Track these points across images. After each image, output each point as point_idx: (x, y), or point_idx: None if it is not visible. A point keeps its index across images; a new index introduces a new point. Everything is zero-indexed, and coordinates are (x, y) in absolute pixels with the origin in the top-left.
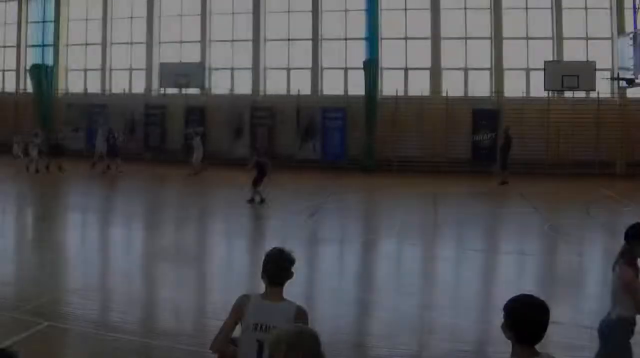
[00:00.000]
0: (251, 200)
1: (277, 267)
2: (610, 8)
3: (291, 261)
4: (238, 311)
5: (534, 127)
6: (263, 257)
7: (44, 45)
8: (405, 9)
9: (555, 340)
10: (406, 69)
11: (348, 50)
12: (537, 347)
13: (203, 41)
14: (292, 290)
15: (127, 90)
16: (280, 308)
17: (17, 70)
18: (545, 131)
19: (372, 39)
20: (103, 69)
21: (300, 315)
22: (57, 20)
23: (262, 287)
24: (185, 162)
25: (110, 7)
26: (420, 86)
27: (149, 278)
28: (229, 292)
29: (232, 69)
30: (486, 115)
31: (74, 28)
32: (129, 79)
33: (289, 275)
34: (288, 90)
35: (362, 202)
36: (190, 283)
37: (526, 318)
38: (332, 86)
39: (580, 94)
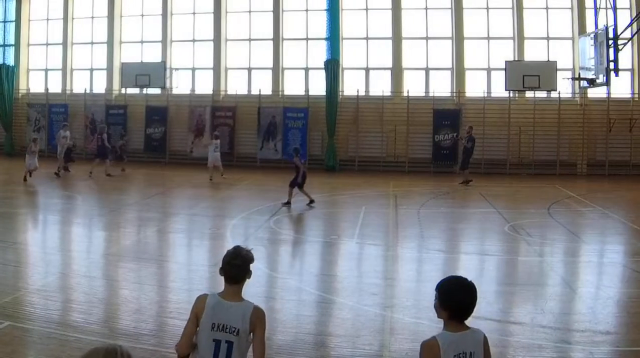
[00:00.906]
0: (287, 203)
1: (234, 266)
2: (572, 8)
3: (248, 260)
4: (197, 311)
5: (495, 127)
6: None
7: (4, 45)
8: (367, 9)
9: (516, 340)
10: (367, 69)
11: (309, 50)
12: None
13: (164, 41)
14: (254, 290)
15: (88, 90)
16: (237, 308)
17: None
18: (507, 131)
19: (333, 39)
20: (64, 69)
21: (257, 315)
22: (17, 20)
23: (218, 287)
24: (147, 161)
25: (71, 7)
26: (381, 86)
27: (110, 278)
28: (189, 291)
29: (193, 69)
30: (447, 115)
31: (35, 28)
32: (90, 79)
33: (246, 273)
34: (249, 90)
35: (324, 202)
36: (151, 282)
37: (455, 296)
38: (293, 86)
39: (542, 94)
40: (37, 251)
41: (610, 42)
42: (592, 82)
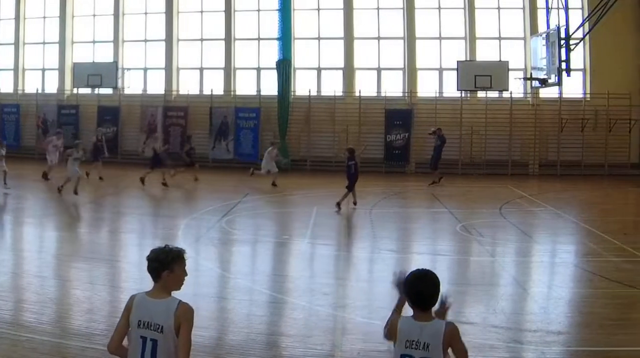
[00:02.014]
0: (338, 204)
1: (149, 260)
2: (523, 8)
3: (163, 256)
4: (127, 310)
5: (447, 127)
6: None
7: None
8: (319, 9)
9: (468, 340)
10: (319, 69)
11: (261, 50)
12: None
13: (116, 41)
14: (206, 290)
15: (40, 90)
16: (161, 305)
17: None
18: (459, 131)
19: (285, 39)
20: (16, 69)
21: (182, 311)
22: None
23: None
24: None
25: (22, 7)
26: (333, 86)
27: (62, 278)
28: (141, 291)
29: (145, 69)
30: (399, 115)
31: None
32: (41, 78)
33: (162, 270)
34: (201, 90)
35: (275, 202)
36: (103, 282)
37: (414, 287)
38: (245, 86)
39: (494, 94)
40: None
41: (562, 42)
42: (544, 82)
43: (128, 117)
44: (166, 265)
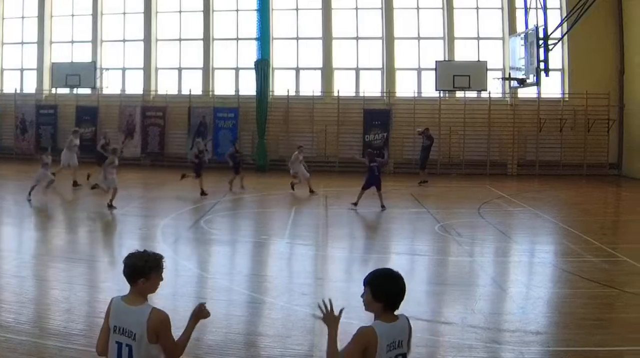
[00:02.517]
0: (355, 204)
1: (125, 265)
2: (502, 8)
3: (137, 261)
4: (107, 313)
5: (426, 127)
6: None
7: None
8: (297, 9)
9: (446, 340)
10: (298, 69)
11: (239, 50)
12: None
13: (94, 41)
14: (184, 290)
15: (18, 90)
16: (134, 312)
17: None
18: (437, 131)
19: (264, 39)
20: None
21: (155, 319)
22: None
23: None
24: (79, 161)
25: (1, 7)
26: (311, 86)
27: (41, 278)
28: (119, 292)
29: (124, 69)
30: (378, 115)
31: None
32: (20, 79)
33: (139, 276)
34: (179, 90)
35: (254, 202)
36: (81, 282)
37: (388, 288)
38: (223, 86)
39: (472, 94)
40: None
41: (541, 42)
42: (522, 82)
43: (106, 117)
44: (143, 272)
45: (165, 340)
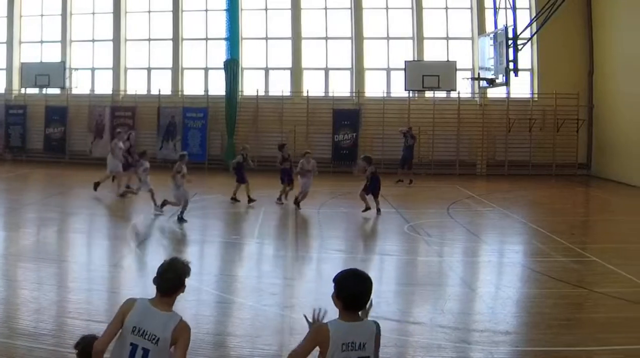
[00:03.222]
0: (366, 210)
1: (167, 280)
2: (471, 8)
3: (182, 273)
4: (124, 312)
5: (395, 127)
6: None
7: None
8: (266, 9)
9: (415, 340)
10: (267, 69)
11: (209, 50)
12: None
13: (64, 41)
14: (153, 291)
15: None
16: (162, 317)
17: None
18: (407, 130)
19: (233, 39)
20: None
21: (181, 328)
22: None
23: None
24: (47, 161)
25: None
26: (281, 86)
27: (10, 278)
28: (89, 292)
29: (93, 69)
30: (347, 115)
31: None
32: None
33: (178, 288)
34: (149, 90)
35: (223, 202)
36: (51, 282)
37: (348, 287)
38: (192, 86)
39: (441, 94)
40: None
41: (510, 42)
42: (491, 82)
43: (76, 117)
44: (183, 282)
45: (181, 350)
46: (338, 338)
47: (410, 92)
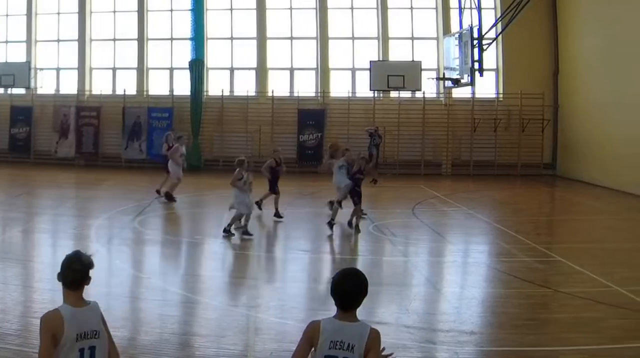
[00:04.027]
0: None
1: (76, 271)
2: (436, 8)
3: (87, 265)
4: (54, 331)
5: (360, 127)
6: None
7: None
8: (231, 9)
9: (382, 340)
10: (232, 69)
11: (174, 50)
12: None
13: (29, 41)
14: (118, 291)
15: None
16: (90, 311)
17: None
18: (374, 130)
19: (198, 39)
20: None
21: (100, 313)
22: None
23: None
24: (12, 161)
25: None
26: (246, 86)
27: None
28: (54, 292)
29: (58, 69)
30: (312, 115)
31: None
32: None
33: (85, 279)
34: (114, 90)
35: (188, 202)
36: (16, 282)
37: (339, 285)
38: (158, 86)
39: (406, 94)
40: None
41: (475, 42)
42: (456, 82)
43: (41, 117)
44: (88, 275)
45: (108, 330)
46: (328, 334)
47: (376, 92)
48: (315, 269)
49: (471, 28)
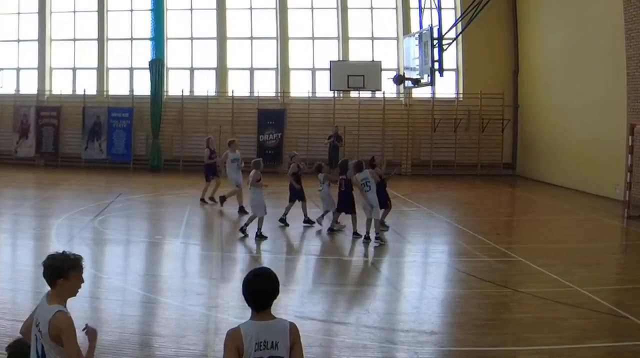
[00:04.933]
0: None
1: (48, 269)
2: (396, 8)
3: (62, 261)
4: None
5: (320, 127)
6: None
7: None
8: (191, 9)
9: (341, 340)
10: (192, 69)
11: (134, 50)
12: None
13: None
14: (80, 290)
15: None
16: (47, 310)
17: None
18: (331, 131)
19: (158, 39)
20: None
21: (55, 321)
22: None
23: (44, 286)
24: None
25: None
26: (206, 86)
27: None
28: (14, 292)
29: (18, 69)
30: (272, 115)
31: None
32: None
33: (58, 276)
34: (74, 90)
35: (148, 202)
36: None
37: (252, 286)
38: (118, 86)
39: (366, 94)
40: None
41: (435, 42)
42: (416, 82)
43: (1, 117)
44: (62, 272)
45: (67, 343)
46: (251, 338)
47: (336, 92)
48: (275, 269)
49: (431, 28)
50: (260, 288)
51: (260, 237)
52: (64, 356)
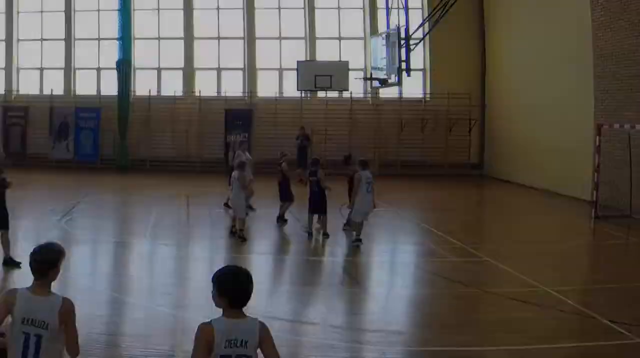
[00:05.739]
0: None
1: (35, 260)
2: (363, 8)
3: (51, 255)
4: (6, 304)
5: (288, 127)
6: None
7: None
8: (158, 9)
9: (308, 340)
10: (159, 69)
11: (101, 50)
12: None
13: None
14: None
15: None
16: (45, 302)
17: None
18: (300, 131)
19: (125, 39)
20: None
21: (66, 308)
22: None
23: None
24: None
25: None
26: (173, 86)
27: None
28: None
29: None
30: (239, 115)
31: None
32: None
33: (49, 268)
34: (41, 90)
35: (116, 202)
36: None
37: (233, 284)
38: (85, 86)
39: (334, 94)
40: None
41: (402, 42)
42: (383, 82)
43: None
44: (53, 263)
45: (71, 326)
46: (222, 334)
47: (303, 92)
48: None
49: (398, 28)
50: (244, 287)
51: (241, 238)
52: (63, 343)
